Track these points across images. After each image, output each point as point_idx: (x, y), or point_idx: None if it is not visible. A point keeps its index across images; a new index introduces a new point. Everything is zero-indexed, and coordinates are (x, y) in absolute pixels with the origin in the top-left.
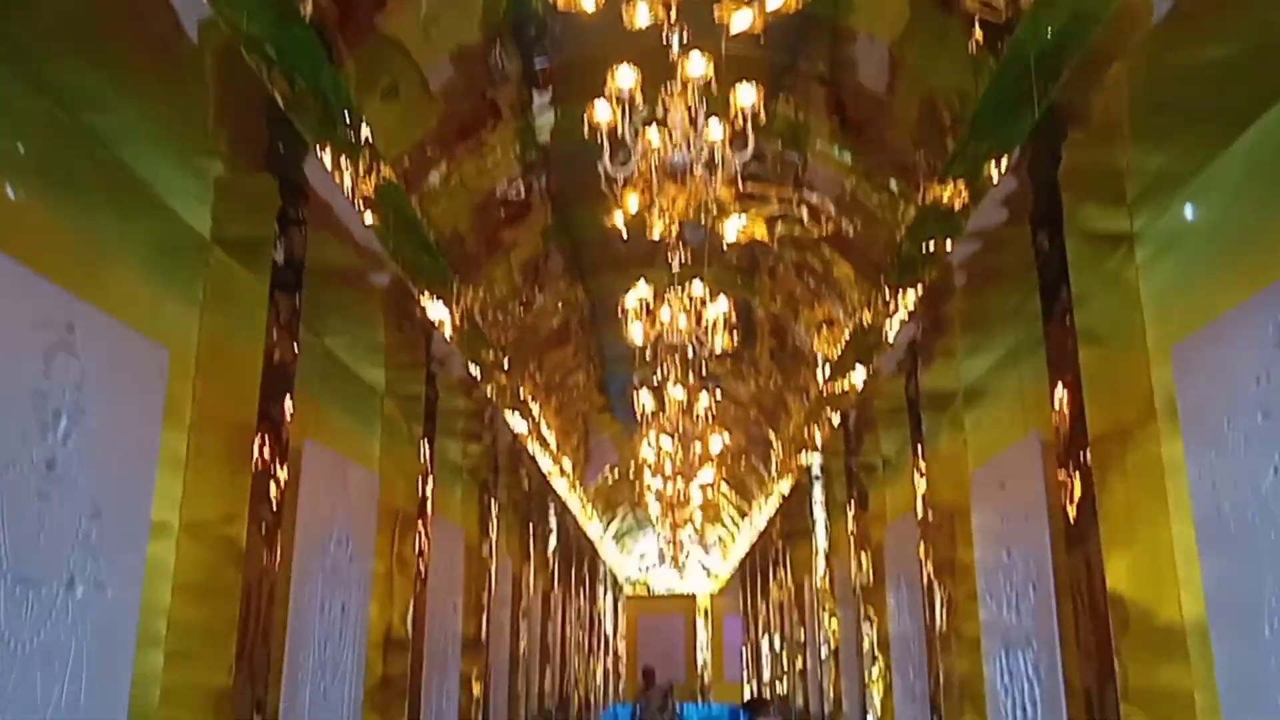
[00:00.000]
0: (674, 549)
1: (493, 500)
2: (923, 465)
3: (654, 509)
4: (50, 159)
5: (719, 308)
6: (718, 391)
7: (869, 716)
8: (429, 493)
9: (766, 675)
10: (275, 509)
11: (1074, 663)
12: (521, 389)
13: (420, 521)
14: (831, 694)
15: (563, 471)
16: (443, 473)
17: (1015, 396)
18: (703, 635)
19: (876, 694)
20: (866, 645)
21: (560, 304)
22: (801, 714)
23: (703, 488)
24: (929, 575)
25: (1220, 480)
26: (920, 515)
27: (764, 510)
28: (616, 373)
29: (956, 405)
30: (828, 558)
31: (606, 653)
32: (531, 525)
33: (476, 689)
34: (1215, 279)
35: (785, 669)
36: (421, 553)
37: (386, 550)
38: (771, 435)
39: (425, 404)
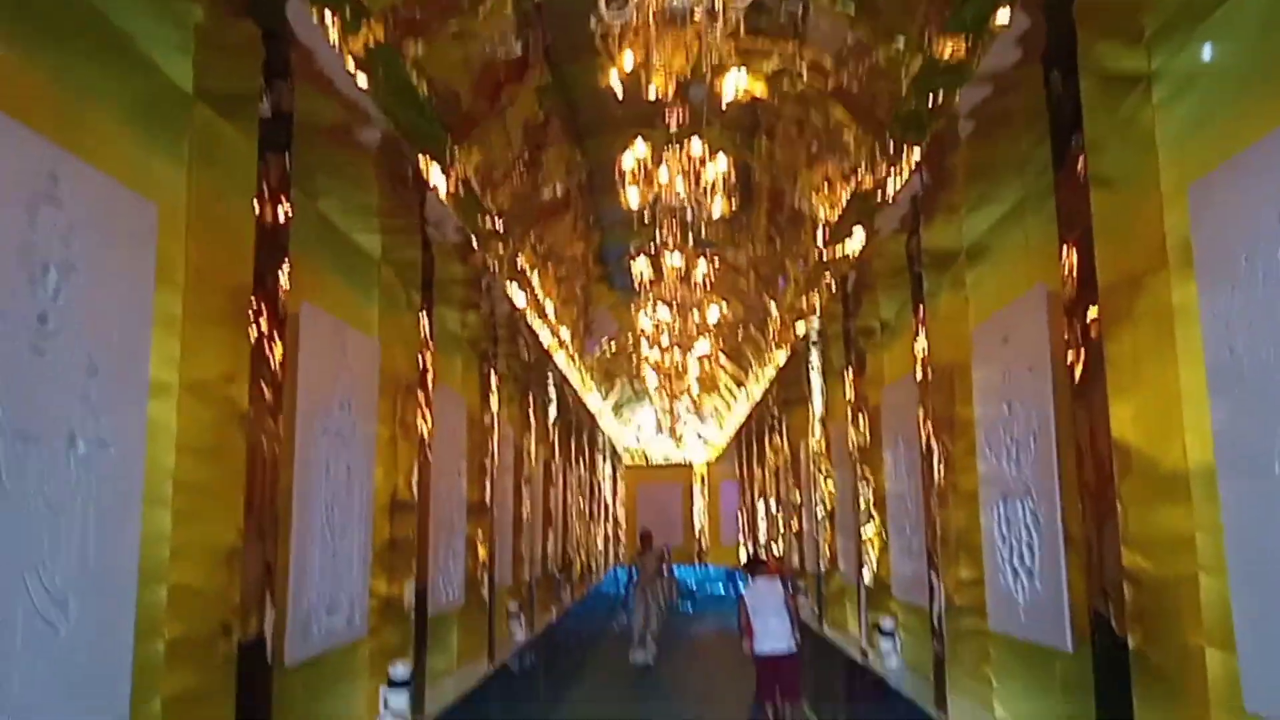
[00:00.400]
0: (671, 420)
1: (492, 370)
2: (923, 325)
3: (651, 381)
4: (24, 7)
5: (718, 167)
6: (715, 259)
7: (865, 570)
8: (429, 360)
9: (763, 538)
10: (275, 370)
11: (1074, 511)
12: (520, 258)
13: (421, 388)
14: (827, 552)
15: (561, 343)
16: (442, 342)
17: (1019, 251)
18: (699, 501)
19: (872, 550)
20: (863, 505)
21: (558, 168)
22: (797, 572)
23: (700, 359)
24: (928, 433)
25: (1235, 320)
26: (920, 375)
27: (761, 380)
28: (615, 241)
29: (959, 263)
30: (824, 422)
31: (607, 519)
32: (531, 396)
33: (482, 551)
34: (1234, 117)
35: (781, 531)
36: (424, 419)
37: (389, 416)
38: (770, 303)
39: (422, 270)
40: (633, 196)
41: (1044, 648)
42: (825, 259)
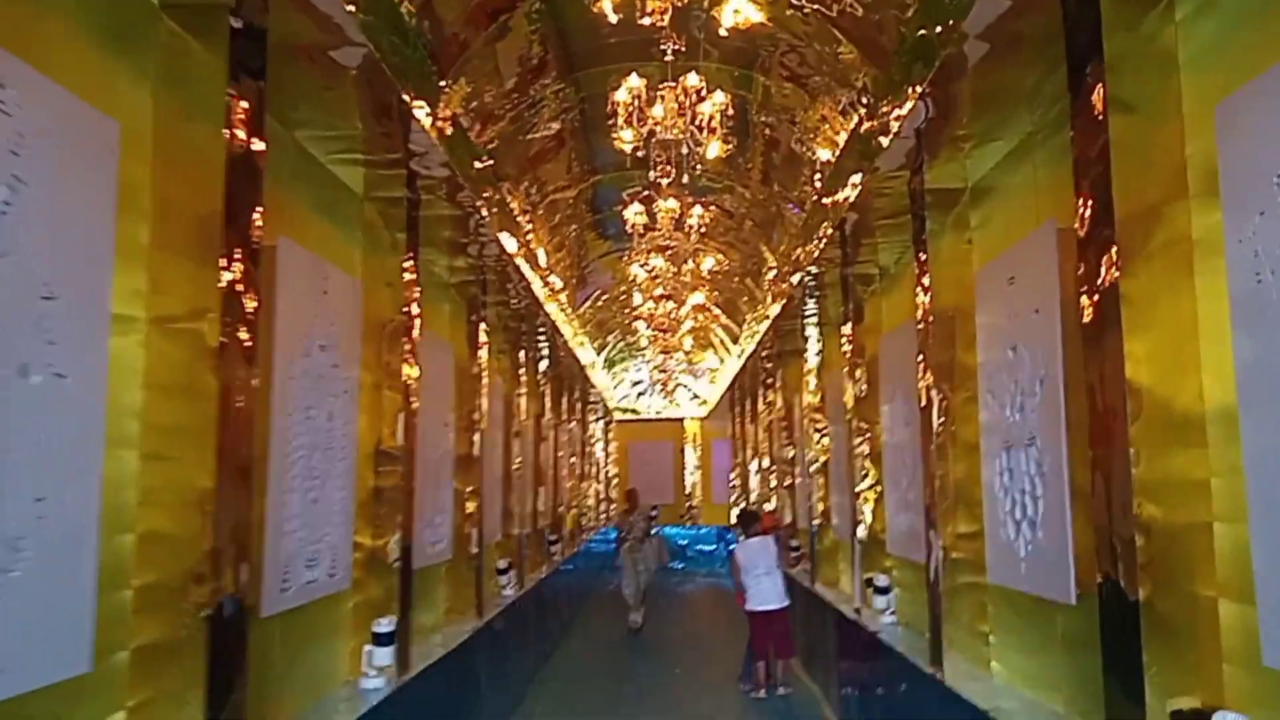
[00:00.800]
0: (663, 376)
1: (481, 318)
2: (925, 269)
3: (644, 333)
4: None
5: (714, 102)
6: (711, 207)
7: (859, 526)
8: (415, 304)
9: (755, 495)
10: (249, 305)
11: (1081, 459)
12: (511, 201)
13: (407, 334)
14: (820, 507)
15: (553, 293)
16: (429, 286)
17: (1027, 188)
18: (691, 459)
19: (867, 505)
20: (858, 459)
21: (550, 106)
22: (789, 527)
23: (694, 309)
24: (927, 382)
25: (1265, 247)
26: (920, 321)
27: (754, 333)
28: (608, 187)
29: (963, 203)
30: (818, 375)
31: (598, 477)
32: (522, 347)
33: (470, 505)
34: (1262, 33)
35: (773, 488)
36: (410, 365)
37: (374, 361)
38: (765, 251)
39: (407, 209)
40: (627, 137)
41: (1045, 601)
42: (823, 202)
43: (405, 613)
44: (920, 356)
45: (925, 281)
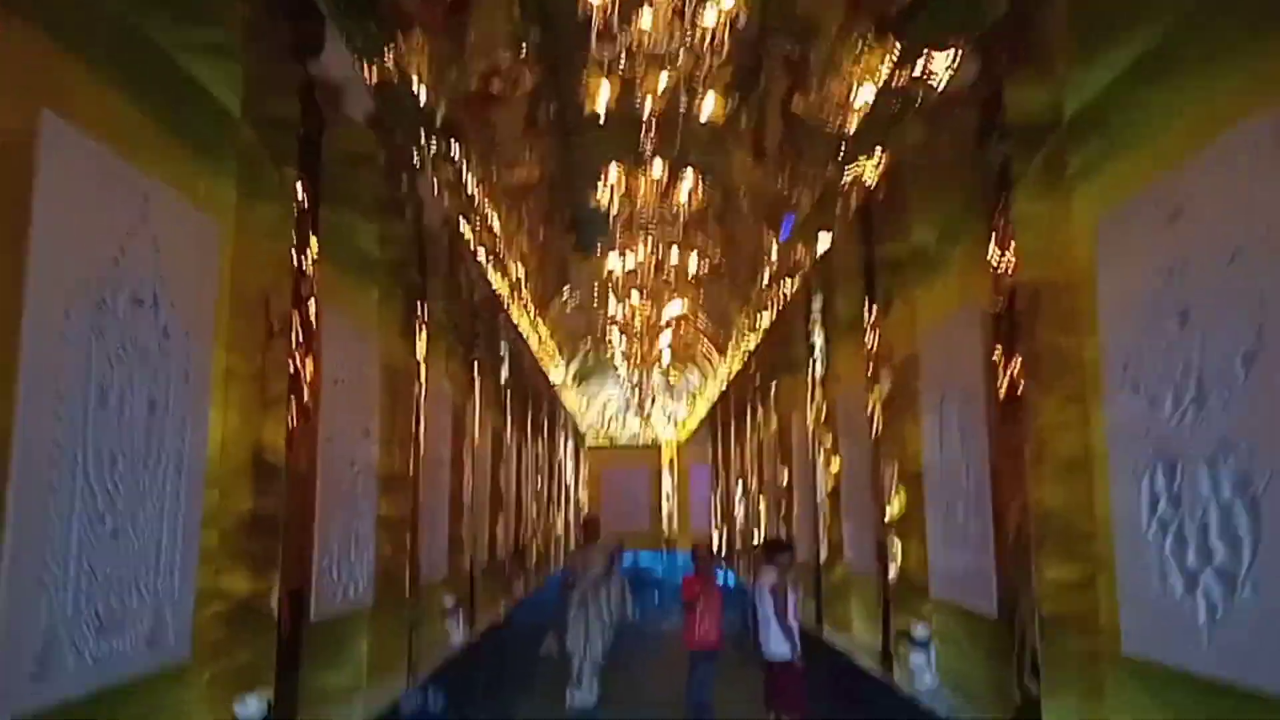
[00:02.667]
0: (639, 392)
1: (421, 309)
2: (1003, 231)
3: (618, 347)
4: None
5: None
6: (705, 176)
7: (889, 563)
8: (311, 270)
9: (740, 523)
10: None
11: None
12: (464, 168)
13: (299, 309)
14: (828, 539)
15: (515, 288)
16: (345, 257)
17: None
18: (668, 485)
19: (897, 538)
20: (887, 481)
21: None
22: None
23: (675, 321)
24: (1010, 378)
25: None
26: (997, 302)
27: (744, 345)
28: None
29: (1057, 137)
30: (825, 386)
31: (568, 504)
32: (476, 351)
33: (402, 535)
34: None
35: (765, 516)
36: (301, 351)
37: (243, 339)
38: (768, 235)
39: (304, 140)
40: (604, 95)
41: (1249, 692)
42: (844, 168)
43: (287, 683)
44: (998, 349)
45: (1004, 249)
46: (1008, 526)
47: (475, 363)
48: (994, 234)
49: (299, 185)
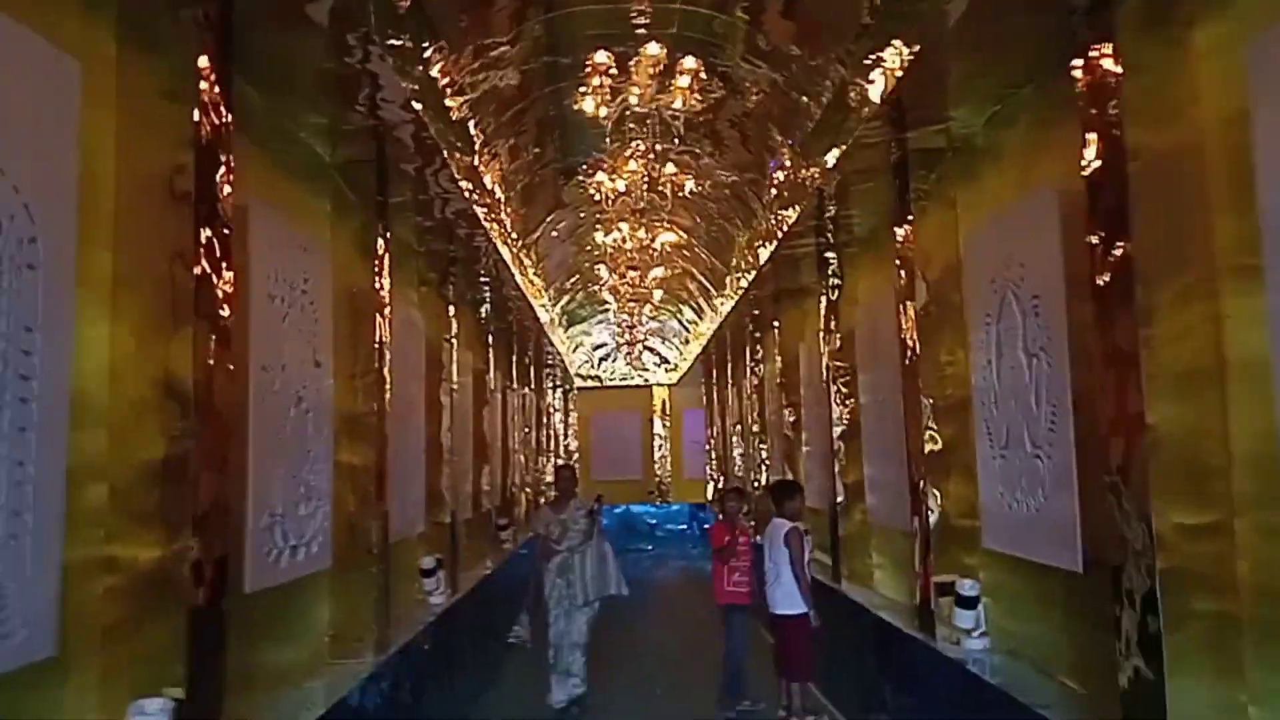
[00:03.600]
0: (630, 332)
1: (384, 220)
2: (1099, 82)
3: (606, 276)
4: None
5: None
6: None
7: (929, 508)
8: (226, 147)
9: (738, 469)
10: None
11: None
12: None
13: (214, 201)
14: (843, 482)
15: (493, 209)
16: (280, 147)
17: None
18: (660, 431)
19: (936, 478)
20: (926, 411)
21: None
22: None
23: (668, 250)
24: (1107, 268)
25: None
26: (1090, 169)
27: (744, 272)
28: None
29: None
30: (841, 310)
31: (557, 450)
32: (453, 279)
33: (370, 477)
34: None
35: (767, 460)
36: (216, 253)
37: (137, 237)
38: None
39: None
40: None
41: None
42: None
43: (206, 669)
44: (1090, 236)
45: (1099, 105)
46: (1107, 460)
47: (451, 292)
48: (1086, 88)
49: (204, 36)
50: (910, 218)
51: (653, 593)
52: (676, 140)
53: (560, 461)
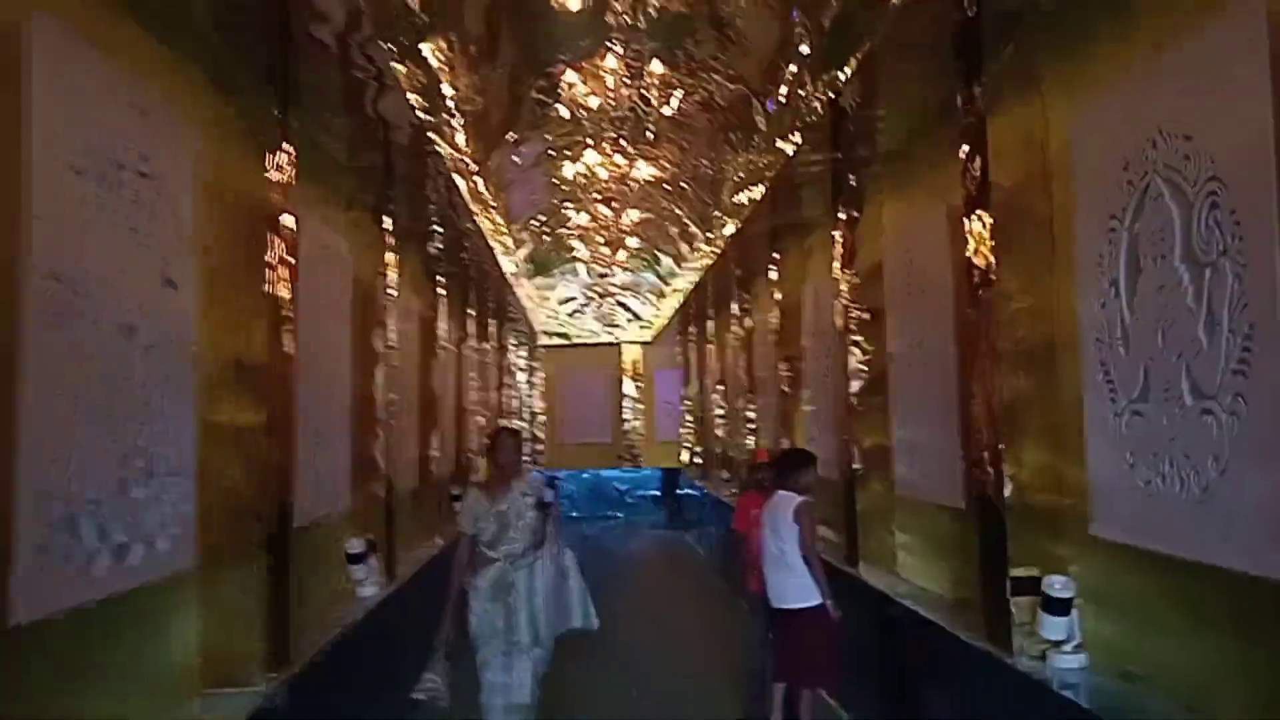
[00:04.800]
0: (601, 282)
1: (284, 111)
2: None
3: (575, 219)
4: None
5: None
6: None
7: (1003, 479)
8: None
9: (721, 435)
10: None
11: None
12: None
13: None
14: (859, 449)
15: (444, 117)
16: None
17: None
18: (631, 391)
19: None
20: (996, 357)
21: None
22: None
23: (645, 187)
24: None
25: None
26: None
27: (734, 215)
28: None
29: None
30: (863, 241)
31: (520, 412)
32: (393, 202)
33: (264, 442)
34: None
35: (754, 422)
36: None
37: None
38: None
39: None
40: None
41: None
42: None
43: None
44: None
45: None
46: None
47: (391, 222)
48: None
49: None
50: (975, 105)
51: (625, 567)
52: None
53: (503, 423)
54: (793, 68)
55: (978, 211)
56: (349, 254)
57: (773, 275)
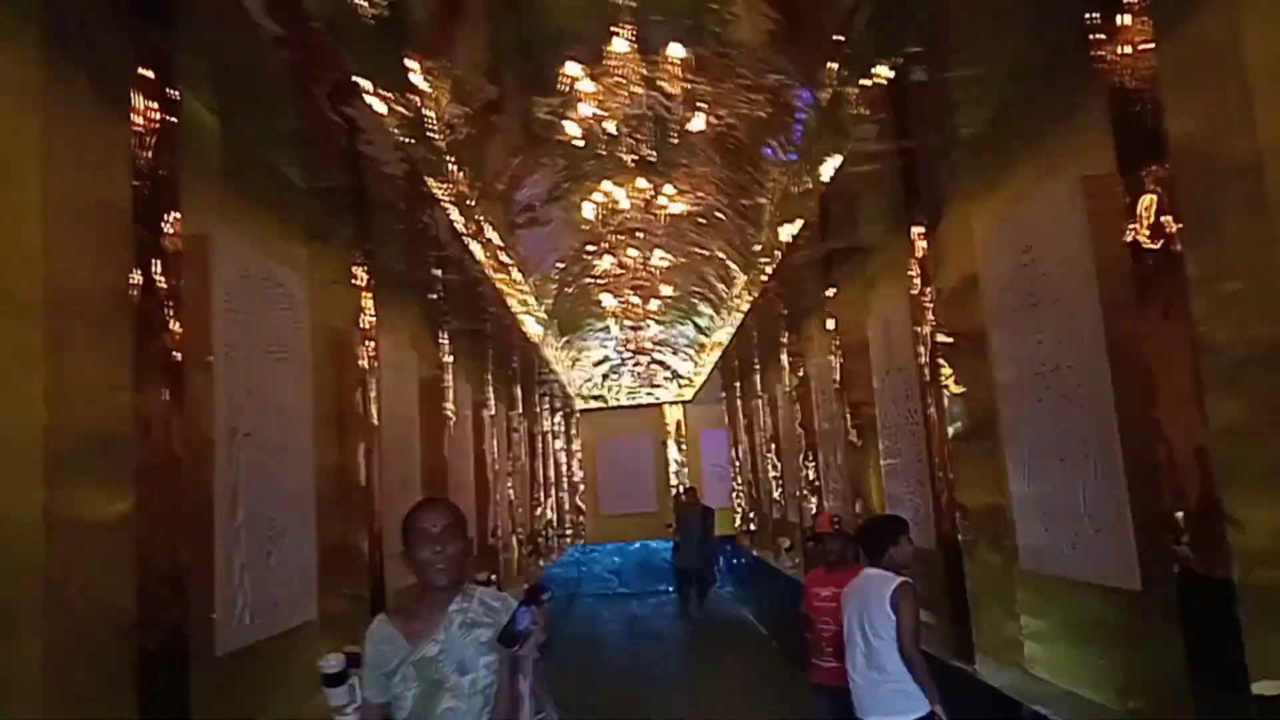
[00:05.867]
0: (635, 338)
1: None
2: None
3: (603, 266)
4: None
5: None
6: None
7: (1225, 556)
8: None
9: (776, 493)
10: None
11: None
12: None
13: None
14: (960, 512)
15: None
16: None
17: None
18: (674, 455)
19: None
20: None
21: None
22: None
23: (674, 223)
24: None
25: None
26: None
27: (773, 247)
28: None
29: None
30: (936, 253)
31: (559, 485)
32: (368, 242)
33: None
34: None
35: (813, 481)
36: None
37: None
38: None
39: None
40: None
41: None
42: None
43: None
44: None
45: None
46: None
47: (364, 257)
48: None
49: None
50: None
51: (677, 649)
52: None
53: (421, 501)
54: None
55: (1150, 167)
56: (303, 292)
57: (828, 310)
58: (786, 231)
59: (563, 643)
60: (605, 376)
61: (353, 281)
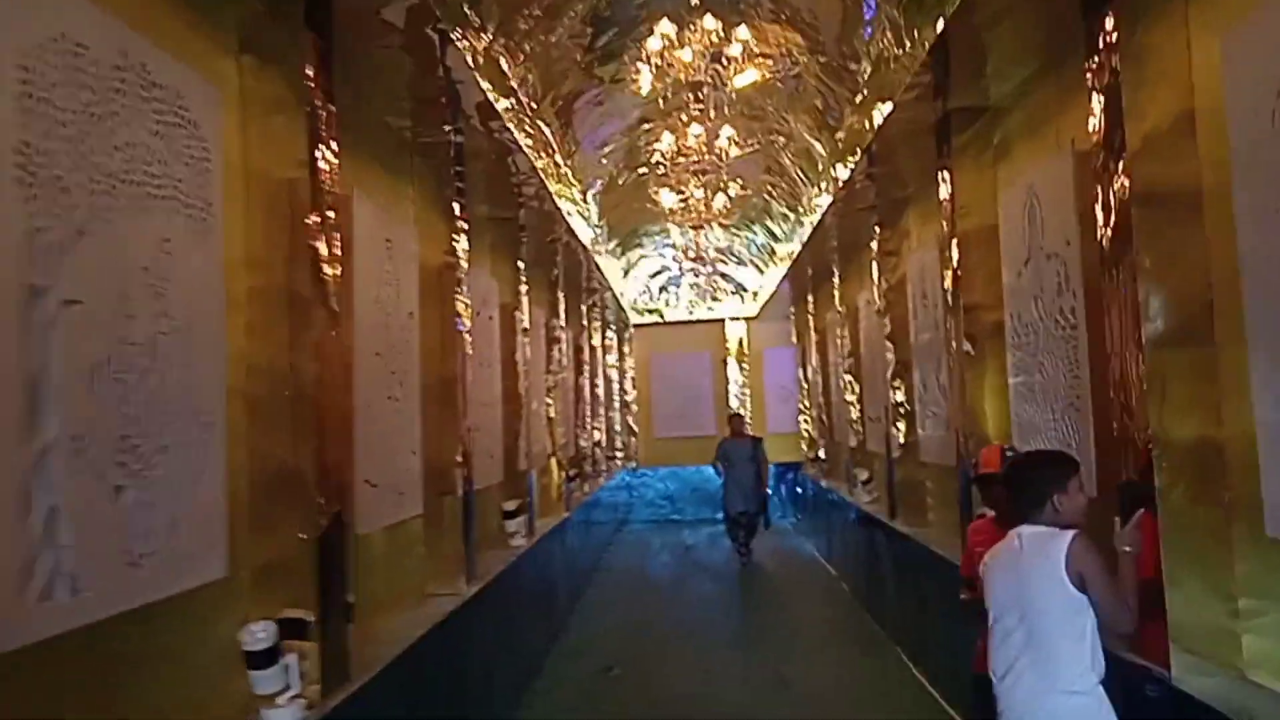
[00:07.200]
0: (697, 245)
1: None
2: None
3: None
4: None
5: None
6: None
7: None
8: None
9: (853, 417)
10: None
11: None
12: None
13: None
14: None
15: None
16: None
17: None
18: (736, 375)
19: None
20: None
21: None
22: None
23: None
24: None
25: None
26: None
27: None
28: None
29: None
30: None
31: (610, 404)
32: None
33: None
34: None
35: (904, 405)
36: None
37: None
38: None
39: None
40: None
41: None
42: None
43: None
44: None
45: None
46: None
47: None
48: None
49: None
50: None
51: (733, 590)
52: None
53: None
54: None
55: None
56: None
57: (943, 195)
58: (888, 89)
59: (608, 576)
60: (662, 289)
61: (307, 109)
